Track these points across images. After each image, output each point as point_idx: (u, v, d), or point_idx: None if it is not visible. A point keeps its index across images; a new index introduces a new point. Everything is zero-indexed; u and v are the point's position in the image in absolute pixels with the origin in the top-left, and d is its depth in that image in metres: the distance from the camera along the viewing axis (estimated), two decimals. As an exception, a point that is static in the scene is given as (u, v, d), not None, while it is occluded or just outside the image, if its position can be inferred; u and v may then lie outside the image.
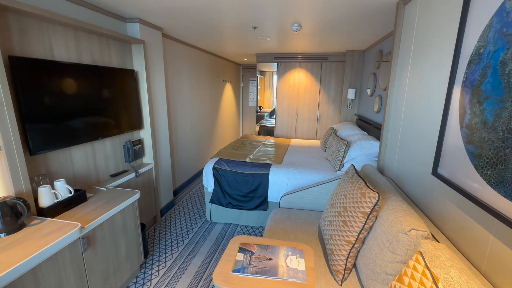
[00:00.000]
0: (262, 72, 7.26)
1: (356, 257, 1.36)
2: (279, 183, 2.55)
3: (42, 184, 1.59)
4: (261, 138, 4.16)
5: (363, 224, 1.25)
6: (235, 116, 6.37)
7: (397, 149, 1.79)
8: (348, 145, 2.55)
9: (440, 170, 1.19)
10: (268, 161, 2.86)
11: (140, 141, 2.51)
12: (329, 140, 3.08)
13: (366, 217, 1.24)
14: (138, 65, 2.43)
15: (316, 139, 4.70)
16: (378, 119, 3.02)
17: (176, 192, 3.51)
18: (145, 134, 2.59)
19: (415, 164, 1.50)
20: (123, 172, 2.33)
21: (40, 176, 1.59)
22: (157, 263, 2.17)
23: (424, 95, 1.44)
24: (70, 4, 1.82)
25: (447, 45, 1.23)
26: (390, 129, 1.95)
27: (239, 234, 2.64)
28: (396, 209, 1.23)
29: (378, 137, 2.77)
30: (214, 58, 4.72)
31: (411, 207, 1.37)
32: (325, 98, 4.51)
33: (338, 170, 2.56)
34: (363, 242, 1.33)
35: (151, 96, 2.58)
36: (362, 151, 2.50)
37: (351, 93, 4.03)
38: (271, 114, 8.17)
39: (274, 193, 2.58)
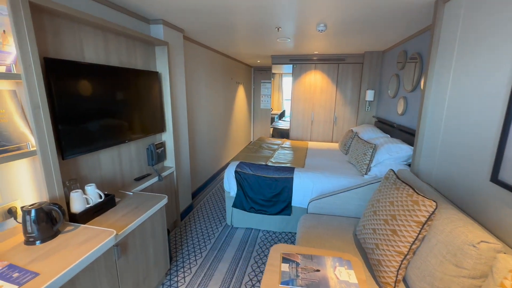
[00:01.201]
0: (272, 74, 7.23)
1: (406, 268, 1.28)
2: (304, 187, 2.48)
3: (73, 189, 1.55)
4: (277, 140, 4.10)
5: (416, 234, 1.17)
6: (246, 118, 6.33)
7: (437, 154, 1.71)
8: (375, 148, 2.48)
9: (502, 177, 1.11)
10: (289, 164, 2.79)
11: (162, 144, 2.47)
12: (352, 143, 3.00)
13: (421, 226, 1.16)
14: (161, 67, 2.40)
15: (332, 141, 4.62)
16: (402, 121, 2.93)
17: (193, 195, 3.46)
18: (167, 137, 2.55)
19: (464, 170, 1.42)
20: (147, 176, 2.29)
21: (71, 181, 1.55)
22: (182, 270, 2.12)
23: (475, 98, 1.36)
24: (97, 4, 1.79)
25: (508, 44, 1.15)
26: (427, 133, 1.87)
27: (261, 239, 2.57)
28: (452, 218, 1.15)
29: (403, 140, 2.68)
30: (229, 60, 4.69)
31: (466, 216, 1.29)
32: (341, 100, 4.43)
33: (365, 174, 2.48)
34: (413, 253, 1.25)
35: (173, 99, 2.54)
36: (390, 154, 2.42)
37: (369, 95, 3.95)
38: (281, 116, 8.12)
39: (298, 197, 2.51)
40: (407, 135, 2.66)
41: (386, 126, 3.37)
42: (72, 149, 1.52)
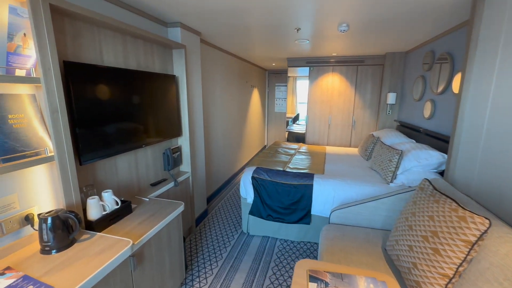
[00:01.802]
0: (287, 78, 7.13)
1: (449, 292, 1.14)
2: (325, 195, 2.36)
3: (90, 195, 1.51)
4: (293, 145, 3.98)
5: (465, 255, 1.03)
6: (260, 122, 6.25)
7: (478, 163, 1.55)
8: (401, 154, 2.32)
9: None
10: (307, 170, 2.67)
11: (178, 149, 2.43)
12: (375, 148, 2.84)
13: (470, 247, 1.02)
14: (178, 70, 2.36)
15: (350, 146, 4.45)
16: (430, 125, 2.75)
17: (208, 200, 3.40)
18: (183, 141, 2.50)
19: (514, 181, 1.26)
20: (162, 181, 2.24)
21: (88, 187, 1.51)
22: (197, 279, 2.04)
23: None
24: (116, 7, 1.77)
25: None
26: (464, 139, 1.71)
27: (279, 249, 2.46)
28: (506, 237, 1.01)
29: (431, 146, 2.51)
30: (244, 63, 4.64)
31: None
32: (360, 103, 4.26)
33: (390, 182, 2.32)
34: (459, 276, 1.11)
35: (190, 102, 2.50)
36: (418, 161, 2.25)
37: (391, 98, 3.77)
38: (295, 119, 7.98)
39: (318, 206, 2.39)
40: (436, 140, 2.48)
41: (410, 131, 3.19)
42: (89, 154, 1.48)
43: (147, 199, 1.85)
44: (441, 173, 2.26)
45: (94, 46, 1.56)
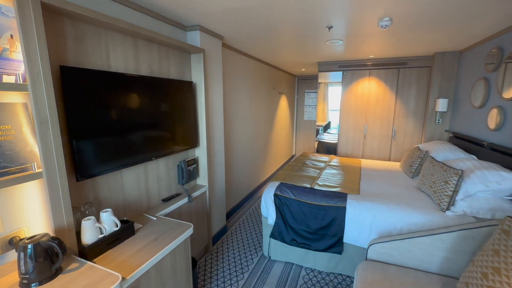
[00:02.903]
0: (317, 84, 6.76)
1: None
2: (361, 221, 1.97)
3: (88, 214, 1.36)
4: (323, 157, 3.60)
5: None
6: (289, 131, 5.93)
7: None
8: (462, 175, 1.85)
9: None
10: (340, 189, 2.29)
11: (194, 161, 2.24)
12: (424, 165, 2.37)
13: None
14: (196, 76, 2.20)
15: (389, 159, 3.92)
16: (497, 138, 2.22)
17: (228, 215, 3.17)
18: (200, 152, 2.31)
19: None
20: (176, 196, 2.06)
21: (86, 205, 1.36)
22: (208, 312, 1.79)
23: None
24: (130, 10, 1.65)
25: None
26: None
27: (304, 280, 2.11)
28: None
29: (499, 164, 1.98)
30: (271, 69, 4.41)
31: None
32: (402, 111, 3.74)
33: (447, 210, 1.86)
34: None
35: (208, 111, 2.31)
36: (487, 185, 1.77)
37: (441, 105, 3.22)
38: (326, 128, 7.51)
39: (352, 233, 2.01)
40: (505, 157, 1.96)
41: (468, 144, 2.64)
42: (88, 169, 1.34)
43: (155, 218, 1.67)
44: (519, 202, 1.75)
45: (100, 50, 1.43)
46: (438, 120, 3.36)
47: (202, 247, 2.37)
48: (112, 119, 1.45)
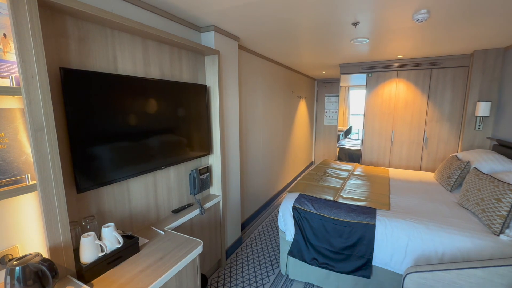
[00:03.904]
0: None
1: None
2: (393, 242, 1.72)
3: (89, 229, 1.25)
4: (346, 165, 3.34)
5: None
6: (308, 136, 5.69)
7: None
8: (519, 192, 1.55)
9: None
10: (366, 203, 2.05)
11: (208, 169, 2.10)
12: (468, 178, 2.06)
13: None
14: (210, 80, 2.07)
15: (420, 169, 3.57)
16: (560, 149, 1.87)
17: (243, 226, 3.00)
18: (214, 160, 2.17)
19: None
20: (187, 207, 1.93)
21: (87, 219, 1.25)
22: (219, 338, 1.62)
23: None
24: (140, 10, 1.56)
25: None
26: None
27: (326, 305, 1.88)
28: None
29: None
30: (289, 72, 4.24)
31: None
32: (435, 115, 3.40)
33: (501, 233, 1.56)
34: None
35: (223, 116, 2.17)
36: (553, 206, 1.46)
37: (483, 109, 2.86)
38: (347, 133, 7.16)
39: (383, 255, 1.76)
40: None
41: (518, 154, 2.29)
42: (90, 180, 1.23)
43: (162, 233, 1.53)
44: None
45: (106, 52, 1.33)
46: (479, 125, 2.99)
47: (215, 262, 2.21)
48: (118, 125, 1.35)
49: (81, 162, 1.18)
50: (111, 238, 1.22)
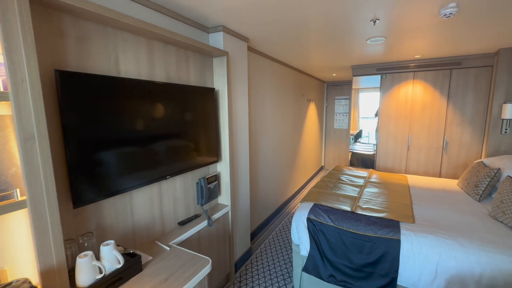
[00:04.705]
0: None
1: None
2: (421, 260, 1.55)
3: (87, 247, 1.13)
4: (361, 171, 3.16)
5: None
6: (317, 141, 5.52)
7: None
8: None
9: None
10: (387, 214, 1.88)
11: (216, 177, 1.98)
12: (501, 187, 1.87)
13: None
14: (219, 82, 1.96)
15: (440, 176, 3.36)
16: None
17: (252, 236, 2.85)
18: (222, 168, 2.05)
19: None
20: (194, 218, 1.80)
21: (85, 236, 1.14)
22: None
23: None
24: (144, 8, 1.46)
25: None
26: None
27: (345, 328, 1.71)
28: None
29: None
30: (299, 74, 4.10)
31: None
32: (456, 119, 3.20)
33: (547, 253, 1.37)
34: None
35: (232, 121, 2.05)
36: None
37: (510, 111, 2.65)
38: (357, 136, 6.95)
39: (410, 274, 1.58)
40: None
41: (556, 160, 2.08)
42: (89, 194, 1.12)
43: (168, 248, 1.41)
44: None
45: (108, 53, 1.23)
46: (506, 129, 2.78)
47: (223, 276, 2.08)
48: (119, 132, 1.24)
49: (78, 174, 1.07)
50: (111, 258, 1.10)
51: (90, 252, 1.05)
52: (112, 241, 1.13)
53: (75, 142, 1.06)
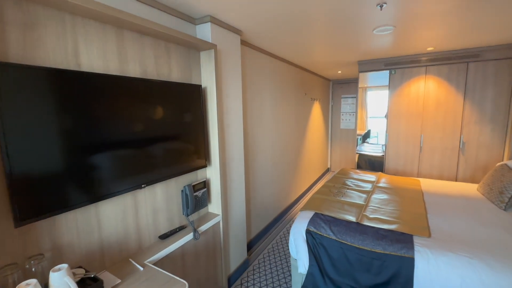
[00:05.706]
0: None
1: None
2: (440, 283, 1.31)
3: (34, 273, 0.95)
4: (368, 175, 2.92)
5: None
6: (323, 142, 5.27)
7: None
8: None
9: None
10: (398, 226, 1.64)
11: (204, 184, 1.79)
12: (534, 196, 1.61)
13: None
14: (207, 79, 1.77)
15: (456, 179, 3.08)
16: None
17: (249, 246, 2.65)
18: (212, 173, 1.86)
19: None
20: (179, 230, 1.62)
21: (33, 259, 0.96)
22: None
23: None
24: (133, 1, 1.28)
25: None
26: None
27: None
28: None
29: None
30: (302, 72, 3.88)
31: None
32: (474, 117, 2.92)
33: None
34: None
35: (222, 122, 1.86)
36: None
37: (537, 107, 2.37)
38: (365, 137, 6.66)
39: (427, 299, 1.35)
40: None
41: None
42: (37, 208, 0.94)
43: (141, 268, 1.22)
44: None
45: (65, 43, 1.06)
46: (532, 127, 2.49)
47: (215, 293, 1.88)
48: (82, 134, 1.06)
49: (20, 185, 0.89)
50: (62, 286, 0.92)
51: (34, 281, 0.87)
52: (65, 265, 0.94)
53: (16, 148, 0.88)
